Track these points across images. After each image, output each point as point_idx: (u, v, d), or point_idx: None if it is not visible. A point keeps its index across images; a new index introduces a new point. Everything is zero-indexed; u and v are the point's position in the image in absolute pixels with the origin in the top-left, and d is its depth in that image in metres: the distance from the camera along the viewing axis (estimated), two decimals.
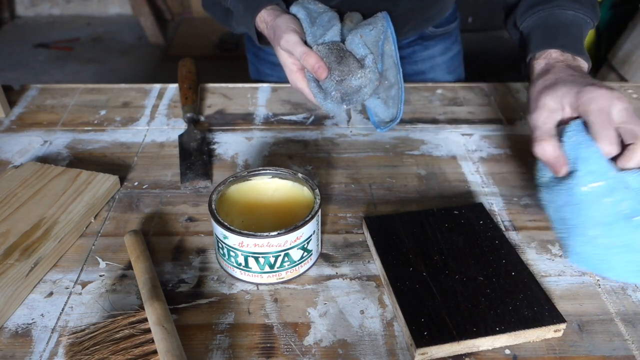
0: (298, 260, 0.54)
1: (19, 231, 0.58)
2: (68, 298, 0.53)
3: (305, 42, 0.66)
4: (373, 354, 0.48)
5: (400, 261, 0.54)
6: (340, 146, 0.76)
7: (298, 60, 0.66)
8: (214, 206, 0.55)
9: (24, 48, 3.13)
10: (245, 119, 0.83)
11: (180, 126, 0.81)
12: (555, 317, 0.48)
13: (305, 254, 0.55)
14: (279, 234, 0.51)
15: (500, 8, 0.75)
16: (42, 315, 0.52)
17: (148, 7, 3.11)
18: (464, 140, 0.77)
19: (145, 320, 0.49)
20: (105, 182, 0.66)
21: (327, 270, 0.57)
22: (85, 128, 0.80)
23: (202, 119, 0.83)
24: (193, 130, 0.77)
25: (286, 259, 0.53)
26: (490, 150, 0.75)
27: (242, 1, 0.72)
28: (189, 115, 0.79)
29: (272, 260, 0.53)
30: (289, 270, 0.54)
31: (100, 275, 0.56)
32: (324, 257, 0.58)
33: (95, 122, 0.82)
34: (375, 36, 0.67)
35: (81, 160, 0.73)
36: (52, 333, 0.50)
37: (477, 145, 0.76)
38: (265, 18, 0.70)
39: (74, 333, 0.49)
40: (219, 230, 0.53)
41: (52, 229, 0.58)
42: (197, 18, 3.41)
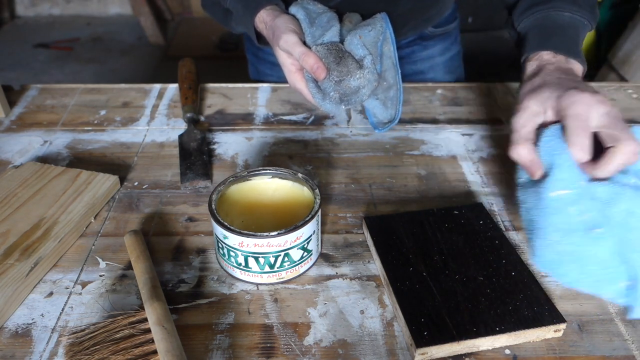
0: (298, 260, 0.54)
1: (19, 231, 0.58)
2: (68, 298, 0.53)
3: (304, 43, 0.66)
4: (373, 354, 0.48)
5: (400, 261, 0.54)
6: (340, 146, 0.76)
7: (297, 60, 0.66)
8: (214, 206, 0.55)
9: (24, 48, 3.13)
10: (245, 119, 0.83)
11: (180, 126, 0.81)
12: (555, 317, 0.48)
13: (305, 254, 0.55)
14: (279, 234, 0.51)
15: (501, 8, 0.75)
16: (42, 315, 0.52)
17: (148, 7, 3.11)
18: (464, 140, 0.77)
19: (145, 320, 0.49)
20: (105, 182, 0.66)
21: (327, 270, 0.57)
22: (85, 128, 0.80)
23: (202, 119, 0.83)
24: (193, 130, 0.77)
25: (286, 259, 0.53)
26: (490, 150, 0.75)
27: (242, 1, 0.72)
28: (189, 115, 0.79)
29: (272, 260, 0.53)
30: (289, 270, 0.54)
31: (100, 275, 0.56)
32: (324, 257, 0.58)
33: (95, 122, 0.82)
34: (374, 37, 0.67)
35: (81, 160, 0.73)
36: (52, 333, 0.50)
37: (477, 145, 0.76)
38: (265, 18, 0.70)
39: (74, 333, 0.49)
40: (219, 230, 0.53)
41: (52, 229, 0.58)
42: (197, 18, 3.41)
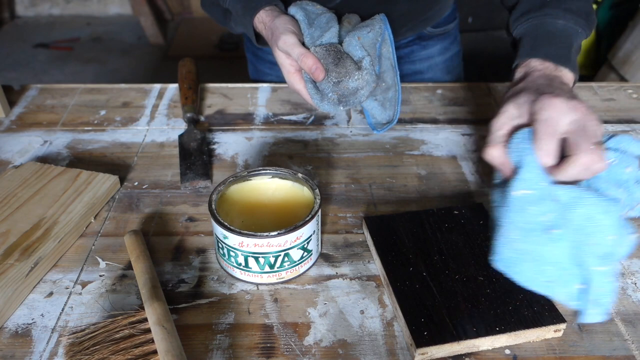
0: (298, 260, 0.54)
1: (19, 231, 0.58)
2: (68, 298, 0.53)
3: (303, 44, 0.66)
4: (373, 354, 0.48)
5: (400, 261, 0.54)
6: (340, 146, 0.76)
7: (295, 61, 0.66)
8: (214, 206, 0.55)
9: (24, 48, 3.13)
10: (245, 119, 0.83)
11: (180, 126, 0.81)
12: (555, 317, 0.48)
13: (305, 254, 0.55)
14: (279, 234, 0.51)
15: (501, 8, 0.75)
16: (42, 315, 0.52)
17: (148, 7, 3.11)
18: (464, 140, 0.77)
19: (145, 320, 0.49)
20: (105, 182, 0.66)
21: (327, 270, 0.57)
22: (85, 128, 0.80)
23: (202, 119, 0.83)
24: (193, 130, 0.77)
25: (286, 259, 0.53)
26: None
27: (241, 2, 0.72)
28: (189, 115, 0.79)
29: (272, 260, 0.53)
30: (289, 270, 0.54)
31: (100, 275, 0.56)
32: (324, 257, 0.58)
33: (95, 122, 0.82)
34: (373, 38, 0.67)
35: (81, 160, 0.73)
36: (52, 333, 0.50)
37: (477, 145, 0.76)
38: (264, 19, 0.70)
39: (74, 333, 0.49)
40: (219, 230, 0.53)
41: (52, 229, 0.58)
42: (197, 18, 3.40)
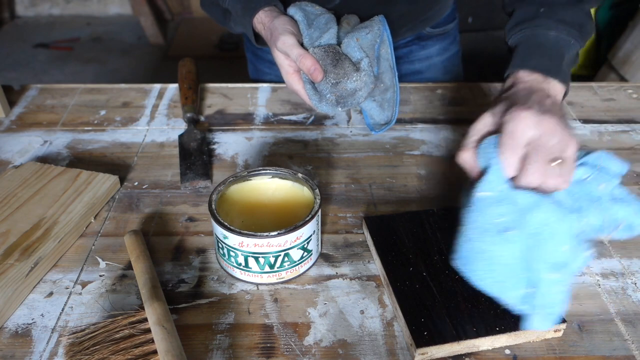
0: (298, 260, 0.54)
1: (19, 231, 0.58)
2: (68, 298, 0.53)
3: (301, 44, 0.66)
4: (373, 354, 0.48)
5: (400, 261, 0.54)
6: (340, 146, 0.76)
7: (294, 62, 0.66)
8: (214, 206, 0.55)
9: (24, 48, 3.13)
10: (245, 119, 0.83)
11: (180, 126, 0.81)
12: None
13: (305, 254, 0.55)
14: (279, 234, 0.51)
15: (501, 8, 0.75)
16: (42, 315, 0.52)
17: (148, 7, 3.11)
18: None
19: (145, 320, 0.49)
20: (105, 182, 0.66)
21: (327, 270, 0.57)
22: (85, 128, 0.80)
23: (202, 119, 0.83)
24: (193, 130, 0.77)
25: (286, 259, 0.53)
26: None
27: (240, 2, 0.72)
28: (189, 115, 0.79)
29: (272, 260, 0.53)
30: (289, 270, 0.54)
31: (100, 275, 0.56)
32: (324, 257, 0.58)
33: (95, 122, 0.82)
34: (372, 40, 0.67)
35: (81, 160, 0.73)
36: (52, 333, 0.50)
37: None
38: (263, 19, 0.70)
39: (74, 333, 0.49)
40: (219, 230, 0.53)
41: (52, 229, 0.58)
42: (197, 18, 3.40)
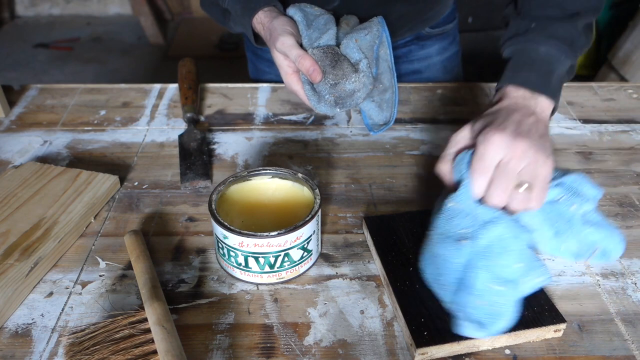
0: (298, 260, 0.54)
1: (19, 231, 0.58)
2: (68, 298, 0.53)
3: (300, 45, 0.66)
4: (373, 354, 0.48)
5: (400, 261, 0.54)
6: (340, 146, 0.76)
7: (293, 62, 0.66)
8: (214, 206, 0.55)
9: (24, 48, 3.13)
10: (245, 119, 0.83)
11: (180, 126, 0.81)
12: (555, 317, 0.48)
13: (305, 254, 0.55)
14: (279, 234, 0.51)
15: (500, 8, 0.74)
16: (42, 315, 0.52)
17: (148, 7, 3.11)
18: None
19: (145, 320, 0.49)
20: (105, 182, 0.66)
21: (327, 270, 0.57)
22: (85, 128, 0.80)
23: (202, 119, 0.83)
24: (193, 130, 0.77)
25: (286, 259, 0.53)
26: None
27: (240, 2, 0.72)
28: (189, 115, 0.79)
29: (272, 260, 0.53)
30: (289, 270, 0.54)
31: (100, 275, 0.56)
32: (324, 257, 0.58)
33: (95, 122, 0.82)
34: (370, 41, 0.67)
35: (81, 160, 0.73)
36: (52, 333, 0.50)
37: None
38: (262, 19, 0.70)
39: (74, 333, 0.49)
40: (219, 230, 0.53)
41: (52, 229, 0.58)
42: (197, 18, 3.40)
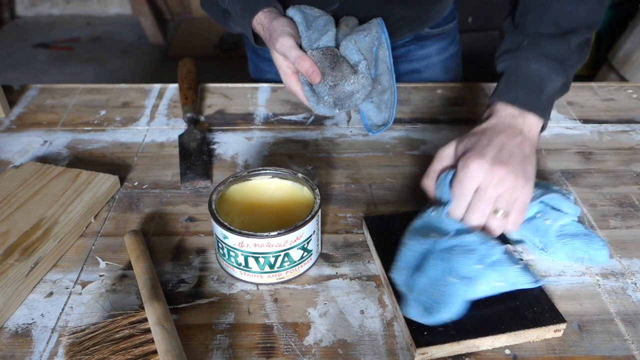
0: (298, 260, 0.54)
1: (19, 231, 0.58)
2: (68, 298, 0.53)
3: (300, 46, 0.66)
4: (373, 354, 0.48)
5: None
6: (340, 146, 0.76)
7: (292, 63, 0.66)
8: (214, 206, 0.55)
9: (24, 48, 3.13)
10: (245, 119, 0.83)
11: (180, 126, 0.81)
12: (555, 317, 0.48)
13: (305, 254, 0.55)
14: (279, 234, 0.51)
15: (500, 8, 0.74)
16: (42, 315, 0.52)
17: (148, 7, 3.11)
18: None
19: (145, 320, 0.49)
20: (105, 182, 0.66)
21: (327, 270, 0.57)
22: (85, 128, 0.80)
23: (202, 119, 0.83)
24: (193, 130, 0.77)
25: (286, 259, 0.53)
26: None
27: (240, 3, 0.72)
28: (189, 115, 0.79)
29: (272, 260, 0.53)
30: (289, 270, 0.54)
31: (100, 275, 0.56)
32: (324, 257, 0.58)
33: (95, 122, 0.82)
34: (370, 42, 0.67)
35: (81, 160, 0.73)
36: (52, 333, 0.50)
37: None
38: (262, 20, 0.70)
39: (74, 333, 0.49)
40: (219, 230, 0.53)
41: (52, 229, 0.58)
42: (197, 18, 3.40)
